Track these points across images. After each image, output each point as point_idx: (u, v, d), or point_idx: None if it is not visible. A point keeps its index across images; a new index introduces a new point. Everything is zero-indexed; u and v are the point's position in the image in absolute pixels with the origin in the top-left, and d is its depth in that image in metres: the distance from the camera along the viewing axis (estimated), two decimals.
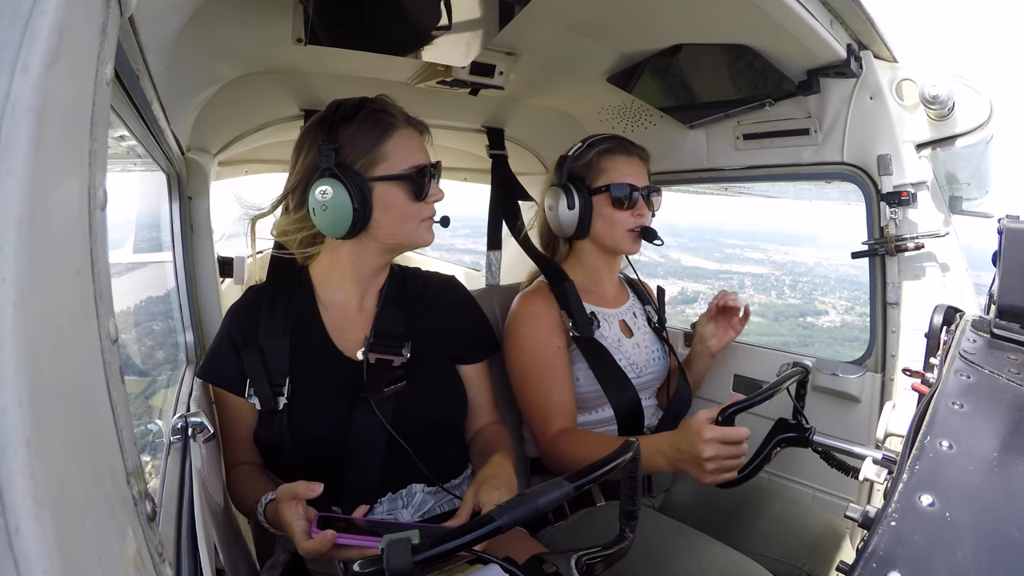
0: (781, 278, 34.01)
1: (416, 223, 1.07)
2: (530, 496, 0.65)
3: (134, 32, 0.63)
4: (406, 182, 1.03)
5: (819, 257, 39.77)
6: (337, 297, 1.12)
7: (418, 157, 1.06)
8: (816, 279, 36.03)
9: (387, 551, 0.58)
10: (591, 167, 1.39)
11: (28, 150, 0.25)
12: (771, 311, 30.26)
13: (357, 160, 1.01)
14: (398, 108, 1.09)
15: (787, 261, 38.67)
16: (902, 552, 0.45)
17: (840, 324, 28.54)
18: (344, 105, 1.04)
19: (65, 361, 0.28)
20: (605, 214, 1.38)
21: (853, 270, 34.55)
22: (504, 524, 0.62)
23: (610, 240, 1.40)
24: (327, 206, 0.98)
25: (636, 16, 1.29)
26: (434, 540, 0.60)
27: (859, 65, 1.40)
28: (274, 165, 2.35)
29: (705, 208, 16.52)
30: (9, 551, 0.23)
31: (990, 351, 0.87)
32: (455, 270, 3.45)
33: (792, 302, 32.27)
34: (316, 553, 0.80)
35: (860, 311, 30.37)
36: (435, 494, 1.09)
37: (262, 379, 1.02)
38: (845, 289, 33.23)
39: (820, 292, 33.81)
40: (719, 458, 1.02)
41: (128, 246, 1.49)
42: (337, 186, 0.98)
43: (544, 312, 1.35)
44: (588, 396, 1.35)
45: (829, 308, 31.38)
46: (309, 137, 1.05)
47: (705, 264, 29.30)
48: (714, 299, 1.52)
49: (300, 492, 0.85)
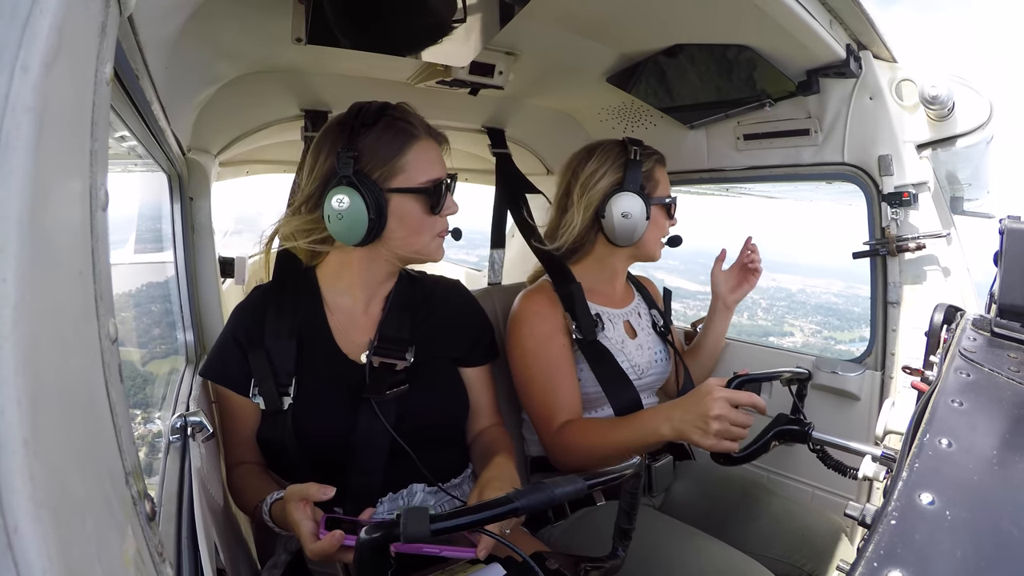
0: (758, 301, 35.40)
1: (430, 236, 1.07)
2: (548, 485, 0.66)
3: (133, 32, 0.63)
4: (423, 195, 1.03)
5: (804, 284, 41.42)
6: (343, 300, 1.12)
7: (436, 170, 1.06)
8: (794, 304, 37.71)
9: (404, 517, 0.58)
10: (651, 177, 1.40)
11: (28, 150, 0.25)
12: (734, 330, 31.72)
13: (376, 170, 1.01)
14: (419, 118, 1.08)
15: (771, 287, 39.93)
16: (902, 551, 0.45)
17: (800, 345, 30.10)
18: (365, 110, 1.04)
19: (65, 361, 0.28)
20: (659, 223, 1.42)
21: (834, 298, 36.87)
22: (521, 507, 0.63)
23: (653, 248, 1.43)
24: (343, 215, 0.98)
25: (636, 16, 1.28)
26: (452, 512, 0.61)
27: (859, 65, 1.40)
28: (275, 165, 2.35)
29: (701, 232, 16.95)
30: (8, 551, 0.23)
31: (990, 349, 0.87)
32: (456, 271, 3.45)
33: (761, 323, 33.68)
34: (324, 554, 0.80)
35: (826, 335, 32.36)
36: (435, 494, 1.09)
37: (268, 379, 1.02)
38: (819, 315, 35.14)
39: (792, 316, 35.50)
40: (725, 419, 1.01)
41: (129, 246, 1.49)
42: (354, 195, 0.98)
43: (547, 311, 1.35)
44: (590, 396, 1.35)
45: (796, 330, 33.23)
46: (329, 141, 1.04)
47: (686, 285, 30.01)
48: (740, 256, 1.59)
49: (312, 494, 0.85)
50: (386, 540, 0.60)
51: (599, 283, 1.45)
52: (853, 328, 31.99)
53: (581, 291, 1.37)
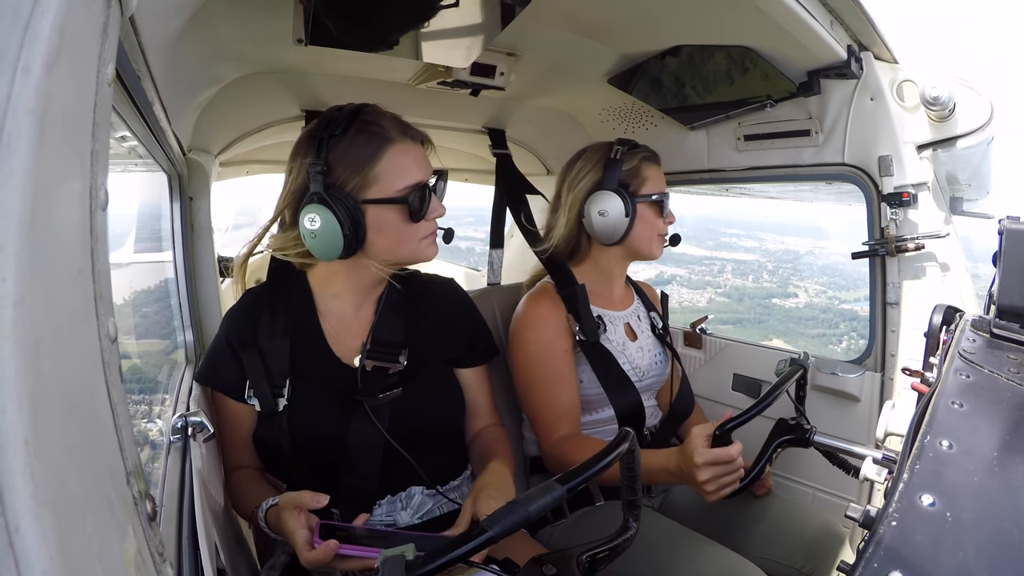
0: (764, 264, 34.53)
1: (415, 243, 1.03)
2: (520, 504, 0.65)
3: (135, 32, 0.63)
4: (401, 205, 0.99)
5: (814, 246, 40.15)
6: (335, 305, 1.11)
7: (414, 175, 1.00)
8: (801, 266, 36.54)
9: (382, 568, 0.60)
10: (637, 174, 1.38)
11: (30, 151, 0.25)
12: (737, 292, 31.19)
13: (348, 182, 0.97)
14: (393, 119, 1.03)
15: (779, 249, 39.00)
16: (903, 552, 0.45)
17: (804, 305, 29.28)
18: (335, 119, 0.99)
19: (65, 361, 0.28)
20: (649, 221, 1.39)
21: (841, 258, 34.89)
22: (496, 535, 0.62)
23: (647, 247, 1.41)
24: (316, 233, 0.95)
25: (637, 17, 1.29)
26: (428, 556, 0.61)
27: (859, 66, 1.40)
28: (275, 166, 2.35)
29: (711, 198, 16.90)
30: (9, 550, 0.23)
31: (990, 351, 0.87)
32: (455, 270, 3.45)
33: (766, 285, 32.83)
34: (318, 564, 0.80)
35: (831, 295, 31.07)
36: (434, 496, 1.09)
37: (262, 380, 1.02)
38: (825, 276, 33.74)
39: (798, 277, 34.33)
40: (715, 479, 1.03)
41: (129, 246, 1.49)
42: (326, 212, 0.94)
43: (551, 315, 1.35)
44: (591, 397, 1.35)
45: (800, 291, 32.04)
46: (299, 155, 1.00)
47: (693, 251, 29.58)
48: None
49: (305, 502, 0.85)
50: None
51: (598, 285, 1.45)
52: (859, 288, 30.68)
53: (584, 292, 1.37)
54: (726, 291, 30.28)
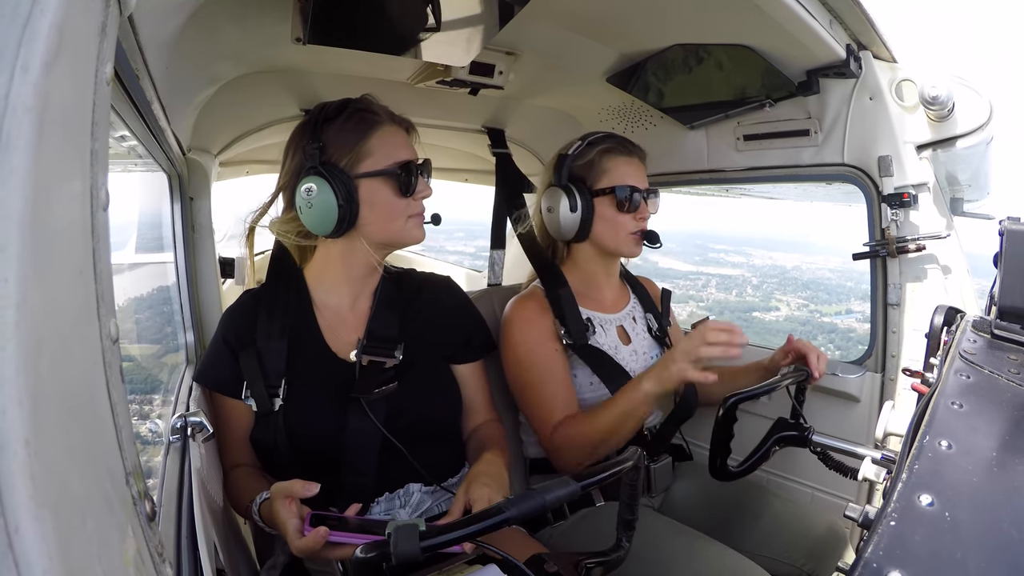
0: (748, 279, 35.08)
1: (404, 220, 1.07)
2: (539, 491, 0.66)
3: (134, 32, 0.63)
4: (391, 178, 1.04)
5: (800, 261, 40.97)
6: (331, 298, 1.12)
7: (402, 153, 1.07)
8: (785, 280, 37.25)
9: (394, 536, 0.58)
10: (592, 167, 1.35)
11: (29, 150, 0.25)
12: (719, 306, 31.75)
13: (342, 158, 1.02)
14: (382, 106, 1.10)
15: (766, 264, 39.61)
16: (902, 552, 0.45)
17: (784, 318, 29.91)
18: (328, 106, 1.06)
19: (66, 361, 0.28)
20: (608, 216, 1.34)
21: (828, 273, 36.26)
22: (512, 516, 0.63)
23: (612, 243, 1.37)
24: (312, 203, 1.00)
25: (636, 16, 1.28)
26: (442, 528, 0.61)
27: (858, 65, 1.40)
28: (275, 165, 2.31)
29: (701, 214, 17.30)
30: (9, 551, 0.23)
31: (990, 351, 0.87)
32: (457, 271, 3.44)
33: (749, 299, 33.47)
34: (309, 551, 0.80)
35: (812, 308, 31.94)
36: (432, 493, 1.09)
37: (258, 381, 1.03)
38: (808, 290, 34.52)
39: (781, 292, 35.04)
40: (720, 333, 1.06)
41: (130, 246, 1.49)
42: (322, 183, 0.99)
43: (536, 318, 1.33)
44: (588, 402, 1.34)
45: (782, 305, 32.81)
46: (296, 139, 1.07)
47: (680, 266, 29.96)
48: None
49: (295, 490, 0.85)
50: (379, 559, 0.60)
51: (585, 286, 1.42)
52: (841, 302, 31.72)
53: (570, 294, 1.36)
54: (708, 305, 31.03)
